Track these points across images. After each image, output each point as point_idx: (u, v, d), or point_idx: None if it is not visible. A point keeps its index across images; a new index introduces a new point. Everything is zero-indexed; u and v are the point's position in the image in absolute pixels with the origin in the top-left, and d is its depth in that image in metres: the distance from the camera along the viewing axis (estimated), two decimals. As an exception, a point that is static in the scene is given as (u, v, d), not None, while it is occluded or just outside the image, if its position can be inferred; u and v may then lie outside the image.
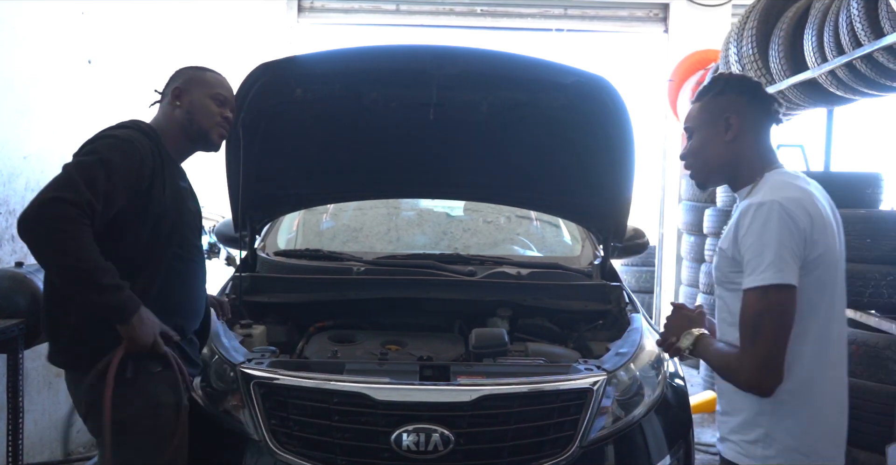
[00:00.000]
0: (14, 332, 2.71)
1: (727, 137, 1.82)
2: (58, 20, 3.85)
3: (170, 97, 2.16)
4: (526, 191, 3.27)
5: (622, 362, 2.39)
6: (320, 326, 2.95)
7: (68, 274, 1.84)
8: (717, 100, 1.85)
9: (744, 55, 4.61)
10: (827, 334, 1.71)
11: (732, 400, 1.76)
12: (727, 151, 1.83)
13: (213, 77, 2.22)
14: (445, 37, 7.36)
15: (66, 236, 1.81)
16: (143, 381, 2.00)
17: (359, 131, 2.97)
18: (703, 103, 1.88)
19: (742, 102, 1.83)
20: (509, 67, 2.69)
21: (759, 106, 1.84)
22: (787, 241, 1.63)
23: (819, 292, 1.69)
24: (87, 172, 1.88)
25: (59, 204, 1.82)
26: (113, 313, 1.89)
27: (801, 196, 1.71)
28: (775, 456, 1.67)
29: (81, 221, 1.83)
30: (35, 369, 3.71)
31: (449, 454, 2.09)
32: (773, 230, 1.64)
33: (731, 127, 1.81)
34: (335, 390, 2.15)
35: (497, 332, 2.70)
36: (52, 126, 3.80)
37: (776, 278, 1.61)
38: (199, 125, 2.14)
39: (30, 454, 3.50)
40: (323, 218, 4.03)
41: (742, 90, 1.84)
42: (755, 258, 1.64)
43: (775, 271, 1.61)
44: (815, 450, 1.69)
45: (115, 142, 1.97)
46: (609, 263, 3.33)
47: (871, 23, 3.29)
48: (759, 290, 1.63)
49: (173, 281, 2.08)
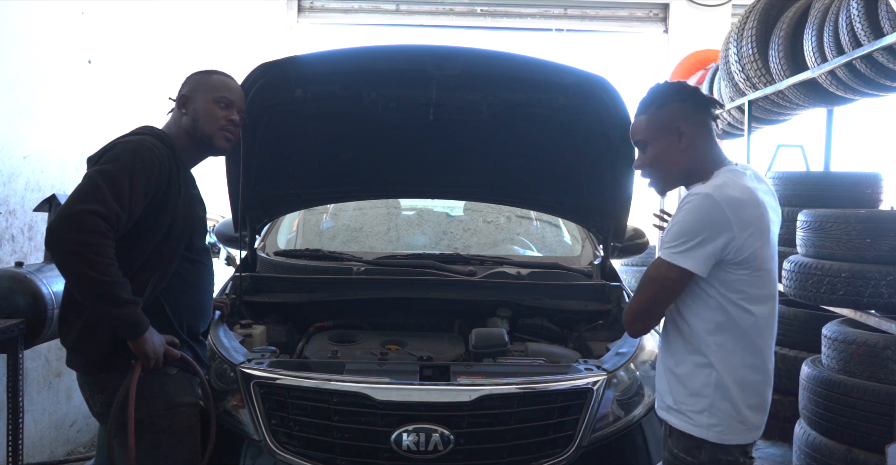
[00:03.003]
0: (14, 332, 2.71)
1: (682, 145, 1.93)
2: (58, 20, 3.85)
3: (178, 104, 2.18)
4: (526, 191, 3.27)
5: (622, 362, 2.39)
6: (320, 326, 2.95)
7: (90, 286, 1.86)
8: (663, 111, 1.94)
9: (743, 55, 4.61)
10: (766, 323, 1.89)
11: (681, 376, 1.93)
12: (683, 158, 1.94)
13: (219, 80, 2.21)
14: (445, 37, 7.36)
15: (95, 251, 1.84)
16: (160, 382, 2.05)
17: (359, 131, 2.97)
18: (648, 116, 1.97)
19: (687, 109, 1.93)
20: (509, 68, 2.69)
21: (702, 110, 1.94)
22: (702, 232, 1.79)
23: (757, 286, 1.86)
24: (112, 182, 1.90)
25: (90, 217, 1.85)
26: (127, 327, 1.92)
27: (742, 197, 1.82)
28: (718, 424, 1.86)
29: (109, 234, 1.87)
30: (35, 369, 3.71)
31: (449, 454, 2.09)
32: (699, 220, 1.80)
33: (684, 134, 1.92)
34: (335, 390, 2.15)
35: (497, 332, 2.70)
36: (52, 126, 3.80)
37: (675, 260, 1.82)
38: (202, 131, 2.15)
39: (30, 454, 3.50)
40: (323, 218, 4.03)
41: (684, 97, 1.93)
42: (672, 235, 1.84)
43: (678, 254, 1.82)
44: (747, 418, 1.88)
45: (135, 148, 1.99)
46: (609, 263, 3.33)
47: (870, 23, 3.29)
48: (660, 261, 1.86)
49: (183, 283, 2.11)
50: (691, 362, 1.90)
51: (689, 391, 1.91)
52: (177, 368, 2.09)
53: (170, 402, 2.07)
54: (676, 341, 1.95)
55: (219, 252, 4.76)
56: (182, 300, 2.12)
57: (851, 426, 3.24)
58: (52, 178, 3.79)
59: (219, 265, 4.81)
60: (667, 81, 2.04)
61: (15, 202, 3.56)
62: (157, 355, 1.98)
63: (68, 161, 3.89)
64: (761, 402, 1.92)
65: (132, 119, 2.17)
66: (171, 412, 2.07)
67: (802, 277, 3.63)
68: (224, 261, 4.94)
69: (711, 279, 1.85)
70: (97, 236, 1.84)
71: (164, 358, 2.01)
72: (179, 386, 2.10)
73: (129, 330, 1.93)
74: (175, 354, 2.05)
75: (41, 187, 3.70)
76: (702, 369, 1.88)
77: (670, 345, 1.98)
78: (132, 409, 1.95)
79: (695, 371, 1.89)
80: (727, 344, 1.86)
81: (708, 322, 1.87)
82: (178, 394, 2.09)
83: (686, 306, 1.91)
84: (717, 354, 1.86)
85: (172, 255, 2.06)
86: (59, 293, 2.53)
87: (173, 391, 2.08)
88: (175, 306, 2.10)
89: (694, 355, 1.90)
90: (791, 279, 3.75)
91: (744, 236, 1.80)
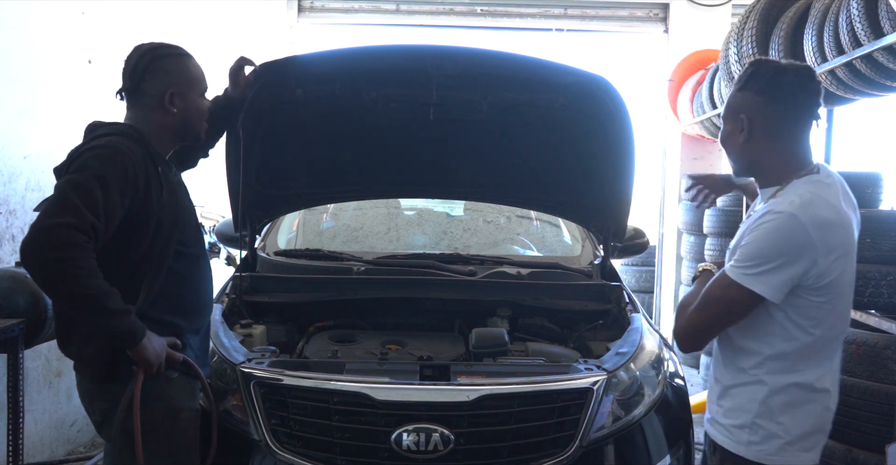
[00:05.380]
0: (14, 332, 2.71)
1: (739, 138, 1.74)
2: (58, 20, 3.85)
3: (163, 100, 2.03)
4: (526, 191, 3.27)
5: (622, 362, 2.39)
6: (320, 326, 2.95)
7: (76, 302, 1.80)
8: (737, 95, 1.75)
9: (744, 55, 4.61)
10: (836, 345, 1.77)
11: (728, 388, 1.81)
12: (742, 152, 1.76)
13: (194, 66, 2.12)
14: (445, 37, 7.37)
15: (73, 265, 1.75)
16: (161, 386, 1.99)
17: (359, 131, 2.97)
18: (731, 94, 1.78)
19: (758, 103, 1.70)
20: (509, 67, 2.69)
21: (784, 112, 1.69)
22: (782, 256, 1.62)
23: (832, 312, 1.70)
24: (83, 191, 1.81)
25: (63, 231, 1.75)
26: (123, 337, 1.86)
27: (831, 218, 1.64)
28: (759, 442, 1.74)
29: (86, 246, 1.78)
30: (35, 368, 3.71)
31: (449, 454, 2.09)
32: (780, 242, 1.62)
33: (744, 128, 1.73)
34: (335, 389, 2.15)
35: (497, 332, 2.70)
36: (53, 126, 3.80)
37: (747, 282, 1.65)
38: (194, 128, 2.11)
39: (30, 454, 3.50)
40: (323, 218, 4.03)
41: (761, 89, 1.70)
42: (746, 254, 1.66)
43: (752, 276, 1.64)
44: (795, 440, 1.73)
45: (104, 153, 1.89)
46: (609, 262, 3.33)
47: (870, 23, 3.29)
48: (728, 280, 1.68)
49: (179, 280, 2.05)
50: (740, 375, 1.77)
51: (733, 405, 1.79)
52: (178, 371, 2.03)
53: (171, 407, 2.02)
54: (728, 353, 1.81)
55: (219, 252, 4.76)
56: (180, 297, 2.06)
57: (851, 426, 3.25)
58: (53, 178, 3.77)
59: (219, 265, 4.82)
60: (766, 61, 1.77)
61: (15, 202, 3.56)
62: (159, 359, 1.93)
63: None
64: (816, 425, 1.74)
65: None
66: (171, 416, 2.02)
67: (802, 277, 3.62)
68: (224, 261, 4.94)
69: (784, 305, 1.67)
70: (74, 250, 1.75)
71: (166, 362, 1.95)
72: (181, 390, 2.05)
73: (125, 339, 1.86)
74: (177, 357, 1.99)
75: (41, 187, 3.70)
76: (750, 386, 1.75)
77: (722, 354, 1.84)
78: (137, 419, 1.89)
79: (742, 386, 1.77)
80: (782, 365, 1.71)
81: (768, 346, 1.72)
82: (180, 398, 2.04)
83: (747, 327, 1.74)
84: (769, 373, 1.72)
85: (163, 254, 1.99)
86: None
87: (174, 396, 2.03)
88: (173, 304, 2.04)
89: (743, 372, 1.77)
90: (791, 279, 3.75)
91: (828, 261, 1.63)
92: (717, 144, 6.81)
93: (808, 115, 1.72)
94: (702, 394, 5.19)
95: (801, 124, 1.72)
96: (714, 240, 5.70)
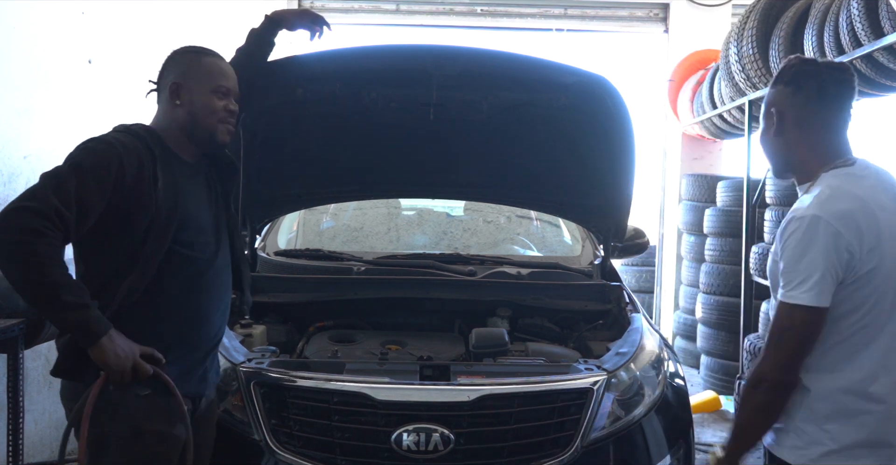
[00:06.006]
0: (14, 332, 2.71)
1: (770, 132, 1.75)
2: (58, 20, 3.85)
3: (167, 94, 1.97)
4: (526, 191, 3.27)
5: (622, 362, 2.39)
6: (320, 326, 2.95)
7: (28, 289, 1.71)
8: (770, 92, 1.76)
9: (744, 55, 4.61)
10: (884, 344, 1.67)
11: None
12: (774, 146, 1.77)
13: (213, 64, 2.00)
14: (445, 37, 7.36)
15: (27, 249, 1.66)
16: (127, 402, 1.82)
17: (359, 131, 2.97)
18: (767, 92, 1.80)
19: (786, 95, 1.72)
20: (509, 67, 2.69)
21: (808, 97, 1.69)
22: (822, 262, 1.59)
23: (878, 303, 1.65)
24: (56, 179, 1.75)
25: (21, 214, 1.69)
26: (78, 332, 1.73)
27: (852, 207, 1.62)
28: (803, 447, 1.68)
29: (45, 232, 1.68)
30: (35, 368, 3.71)
31: (449, 454, 2.09)
32: (813, 249, 1.60)
33: (775, 122, 1.73)
34: (335, 389, 2.15)
35: (497, 332, 2.70)
36: (53, 126, 3.80)
37: (805, 300, 1.61)
38: (202, 126, 1.96)
39: (30, 454, 3.50)
40: (323, 218, 4.04)
41: (788, 80, 1.71)
42: (790, 273, 1.63)
43: (804, 292, 1.61)
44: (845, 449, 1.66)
45: (91, 145, 1.84)
46: (609, 262, 3.33)
47: (871, 23, 3.29)
48: (787, 307, 1.63)
49: (175, 283, 1.91)
50: None
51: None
52: (150, 389, 1.83)
53: (134, 427, 1.83)
54: None
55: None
56: (172, 304, 1.90)
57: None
58: (53, 178, 3.78)
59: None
60: (797, 57, 1.78)
61: (15, 202, 3.56)
62: (123, 366, 1.75)
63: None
64: (872, 437, 1.66)
65: (132, 119, 2.11)
66: (134, 437, 1.83)
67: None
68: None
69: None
70: (28, 235, 1.66)
71: (133, 373, 1.78)
72: (150, 411, 1.84)
73: (80, 336, 1.72)
74: (146, 369, 1.79)
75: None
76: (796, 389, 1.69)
77: None
78: (85, 428, 1.74)
79: None
80: (823, 364, 1.66)
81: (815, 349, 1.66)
82: (146, 420, 1.84)
83: None
84: (814, 379, 1.67)
85: (154, 253, 1.85)
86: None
87: (140, 416, 1.83)
88: (162, 311, 1.89)
89: None
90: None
91: (862, 250, 1.61)
92: (717, 144, 6.82)
93: (838, 105, 1.71)
94: (702, 394, 5.20)
95: (831, 114, 1.71)
96: (714, 240, 5.70)
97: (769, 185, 4.50)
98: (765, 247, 4.49)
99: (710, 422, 4.82)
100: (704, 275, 5.70)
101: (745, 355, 4.55)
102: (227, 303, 2.11)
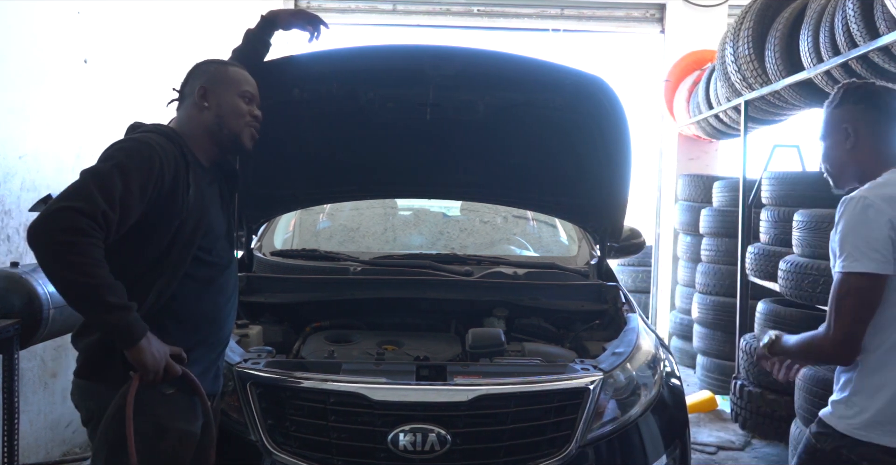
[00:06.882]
0: (9, 332, 2.70)
1: (847, 145, 1.96)
2: (54, 20, 3.84)
3: (195, 97, 2.01)
4: (522, 191, 3.27)
5: (619, 362, 2.39)
6: (317, 326, 2.94)
7: (73, 290, 1.71)
8: (836, 112, 2.00)
9: (740, 55, 4.62)
10: None
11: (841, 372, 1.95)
12: (849, 157, 1.98)
13: (238, 72, 2.07)
14: (442, 37, 7.37)
15: (74, 250, 1.67)
16: (153, 400, 1.86)
17: (356, 131, 2.97)
18: (826, 115, 2.03)
19: (858, 111, 1.96)
20: (506, 68, 2.69)
21: (877, 112, 1.95)
22: (863, 231, 1.79)
23: None
24: (102, 179, 1.75)
25: (69, 214, 1.69)
26: (120, 334, 1.75)
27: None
28: (852, 417, 1.86)
29: (92, 233, 1.70)
30: (30, 369, 3.70)
31: (445, 454, 2.09)
32: (853, 222, 1.81)
33: (850, 136, 1.95)
34: (332, 390, 2.15)
35: (494, 332, 2.70)
36: (48, 126, 3.80)
37: (852, 267, 1.79)
38: (229, 128, 2.01)
39: (25, 455, 3.49)
40: (319, 218, 4.03)
41: (857, 99, 1.97)
42: (843, 246, 1.83)
43: (851, 261, 1.80)
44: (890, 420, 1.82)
45: (132, 145, 1.85)
46: (605, 263, 3.33)
47: (866, 23, 3.30)
48: (841, 275, 1.83)
49: (197, 286, 1.96)
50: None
51: (838, 379, 1.94)
52: (175, 387, 1.88)
53: (157, 425, 1.86)
54: None
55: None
56: (194, 306, 1.96)
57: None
58: (48, 178, 3.78)
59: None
60: (853, 81, 2.07)
61: (10, 202, 3.56)
62: (157, 367, 1.79)
63: (64, 161, 3.88)
64: None
65: (128, 119, 2.10)
66: (157, 435, 1.86)
67: (798, 277, 3.64)
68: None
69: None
70: (76, 235, 1.67)
71: (164, 372, 1.82)
72: (173, 408, 1.90)
73: (121, 337, 1.75)
74: (176, 370, 1.84)
75: (37, 187, 3.69)
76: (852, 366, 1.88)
77: None
78: (130, 429, 1.76)
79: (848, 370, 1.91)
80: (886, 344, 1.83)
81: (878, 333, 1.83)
82: (170, 418, 1.89)
83: None
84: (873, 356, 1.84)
85: (182, 258, 1.90)
86: (55, 294, 2.52)
87: (164, 413, 1.88)
88: (185, 313, 1.94)
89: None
90: (787, 279, 3.76)
91: None
92: (712, 144, 6.83)
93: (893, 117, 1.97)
94: (698, 394, 5.21)
95: (891, 126, 1.97)
96: (710, 240, 5.71)
97: (765, 185, 4.51)
98: (760, 247, 4.49)
99: (707, 422, 4.83)
100: (700, 275, 5.71)
101: (740, 355, 4.56)
102: (236, 303, 2.17)
